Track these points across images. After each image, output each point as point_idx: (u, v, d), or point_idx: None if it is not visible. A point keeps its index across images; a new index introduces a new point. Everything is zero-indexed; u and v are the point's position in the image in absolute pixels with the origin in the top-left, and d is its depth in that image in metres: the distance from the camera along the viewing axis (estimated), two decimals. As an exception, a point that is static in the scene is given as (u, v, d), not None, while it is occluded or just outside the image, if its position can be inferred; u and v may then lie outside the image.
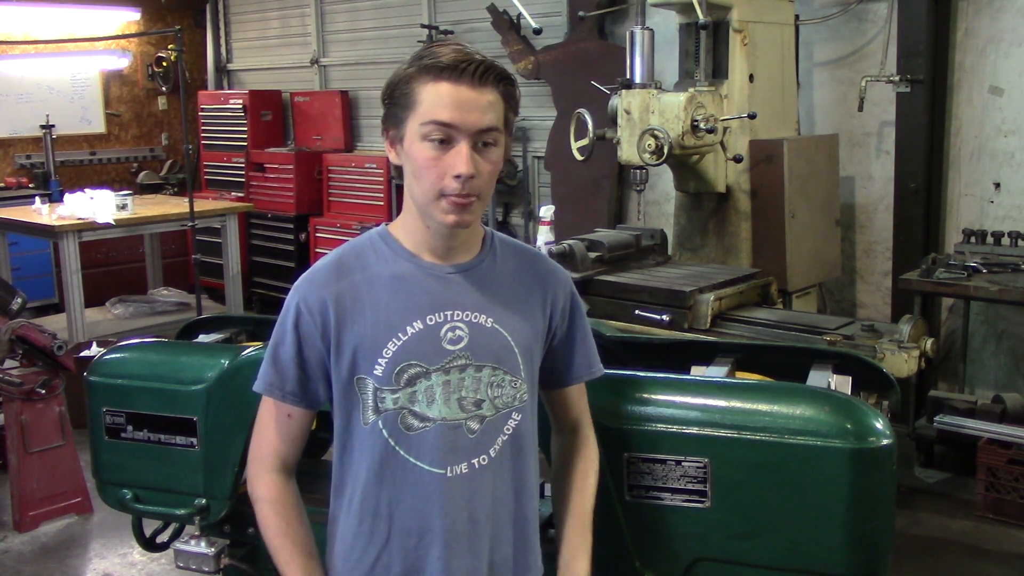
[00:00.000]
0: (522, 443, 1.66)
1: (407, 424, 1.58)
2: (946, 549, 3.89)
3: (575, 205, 6.18)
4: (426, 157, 1.52)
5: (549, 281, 1.72)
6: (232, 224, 6.89)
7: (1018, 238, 4.57)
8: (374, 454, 1.59)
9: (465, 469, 1.59)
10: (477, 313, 1.61)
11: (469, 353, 1.59)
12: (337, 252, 1.66)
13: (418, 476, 1.58)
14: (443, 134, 1.50)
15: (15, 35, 8.07)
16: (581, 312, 1.78)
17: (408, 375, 1.57)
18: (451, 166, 1.50)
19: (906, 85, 4.89)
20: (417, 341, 1.57)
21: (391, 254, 1.62)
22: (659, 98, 4.04)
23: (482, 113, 1.51)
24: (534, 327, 1.67)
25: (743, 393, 1.95)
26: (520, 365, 1.64)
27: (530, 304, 1.68)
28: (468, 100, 1.50)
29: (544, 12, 6.32)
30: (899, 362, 3.42)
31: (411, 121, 1.53)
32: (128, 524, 2.66)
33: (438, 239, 1.60)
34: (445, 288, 1.60)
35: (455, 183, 1.51)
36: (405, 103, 1.54)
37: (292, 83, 8.40)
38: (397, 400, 1.57)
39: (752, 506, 1.86)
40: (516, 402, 1.63)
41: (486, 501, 1.62)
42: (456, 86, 1.50)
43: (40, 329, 4.21)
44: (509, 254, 1.70)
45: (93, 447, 2.50)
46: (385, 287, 1.59)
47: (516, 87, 1.59)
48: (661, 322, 3.72)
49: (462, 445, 1.59)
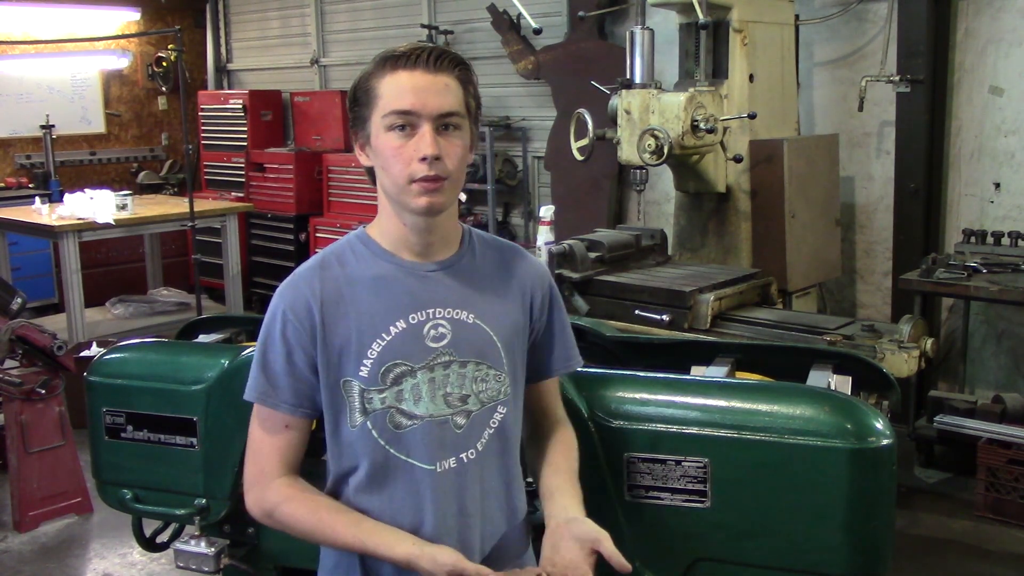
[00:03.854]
0: (508, 435, 1.69)
1: (395, 423, 1.59)
2: (946, 549, 3.90)
3: (575, 205, 6.18)
4: (392, 147, 1.55)
5: (528, 275, 1.74)
6: (232, 224, 6.89)
7: (1018, 238, 4.57)
8: (364, 455, 1.61)
9: (453, 464, 1.61)
10: (458, 310, 1.63)
11: (452, 350, 1.61)
12: (318, 256, 1.67)
13: (409, 473, 1.60)
14: (405, 120, 1.53)
15: (15, 35, 8.07)
16: (560, 305, 1.80)
17: (394, 374, 1.58)
18: (416, 150, 1.53)
19: (906, 85, 4.89)
20: (401, 340, 1.59)
21: (370, 255, 1.64)
22: (659, 98, 4.04)
23: (441, 97, 1.54)
24: (515, 321, 1.69)
25: (743, 393, 1.95)
26: (503, 359, 1.66)
27: (510, 298, 1.70)
28: (425, 85, 1.53)
29: (544, 12, 6.32)
30: (899, 362, 3.42)
31: (374, 116, 1.57)
32: (128, 524, 2.66)
33: (415, 235, 1.62)
34: (426, 286, 1.62)
35: (422, 166, 1.53)
36: (367, 100, 1.58)
37: (292, 83, 8.40)
38: (384, 400, 1.59)
39: (752, 506, 1.86)
40: (501, 395, 1.65)
41: (475, 494, 1.64)
42: (412, 72, 1.53)
43: (40, 329, 4.21)
44: (488, 250, 1.72)
45: (93, 447, 2.49)
46: (367, 288, 1.61)
47: (472, 72, 1.62)
48: (661, 322, 3.72)
49: (449, 440, 1.61)
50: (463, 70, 1.58)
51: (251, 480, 1.66)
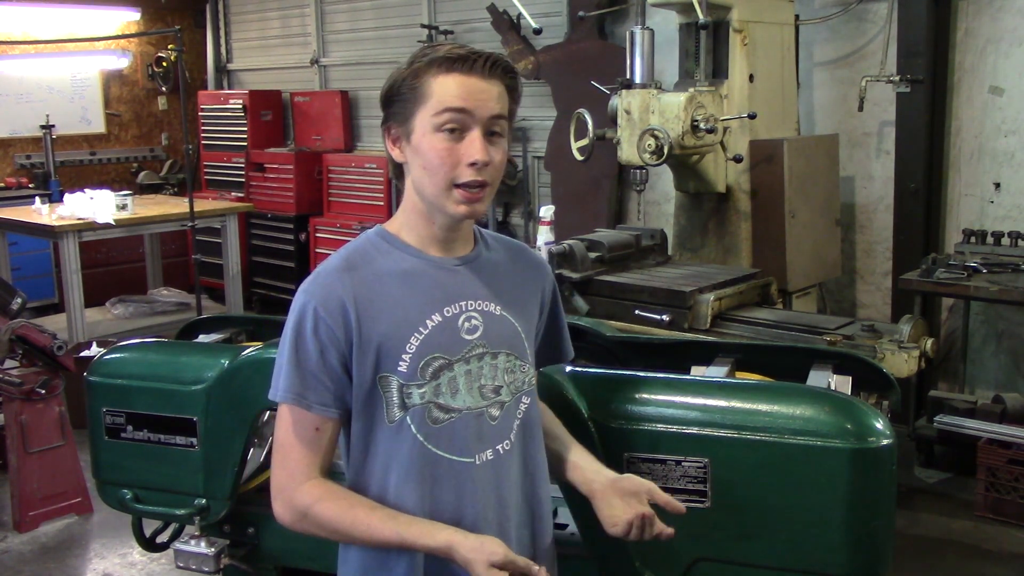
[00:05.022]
0: (532, 426, 1.71)
1: (433, 417, 1.59)
2: (946, 549, 3.89)
3: (575, 205, 6.18)
4: (439, 148, 1.54)
5: (538, 271, 1.80)
6: (232, 224, 6.89)
7: (1018, 238, 4.57)
8: (402, 451, 1.58)
9: (491, 456, 1.63)
10: (487, 302, 1.64)
11: (485, 341, 1.62)
12: (341, 254, 1.64)
13: (448, 467, 1.59)
14: (458, 122, 1.53)
15: (15, 35, 8.07)
16: (560, 299, 1.86)
17: (433, 368, 1.58)
18: (466, 154, 1.53)
19: (906, 85, 4.89)
20: (438, 334, 1.59)
21: (395, 251, 1.63)
22: (659, 98, 4.04)
23: (493, 101, 1.55)
24: (530, 314, 1.74)
25: (743, 393, 1.95)
26: (527, 350, 1.69)
27: (526, 293, 1.74)
28: (480, 89, 1.54)
29: (544, 12, 6.32)
30: (899, 362, 3.42)
31: (421, 114, 1.55)
32: (128, 524, 2.66)
33: (443, 232, 1.63)
34: (454, 280, 1.63)
35: (470, 171, 1.54)
36: (413, 97, 1.55)
37: (292, 83, 8.39)
38: (424, 395, 1.58)
39: (752, 506, 1.86)
40: (526, 386, 1.68)
41: (511, 485, 1.66)
42: (468, 77, 1.54)
43: (40, 329, 4.21)
44: (498, 245, 1.75)
45: (93, 447, 2.50)
46: (397, 284, 1.60)
47: (519, 80, 1.63)
48: (661, 322, 3.72)
49: (487, 432, 1.62)
50: (512, 78, 1.60)
51: (281, 485, 1.59)
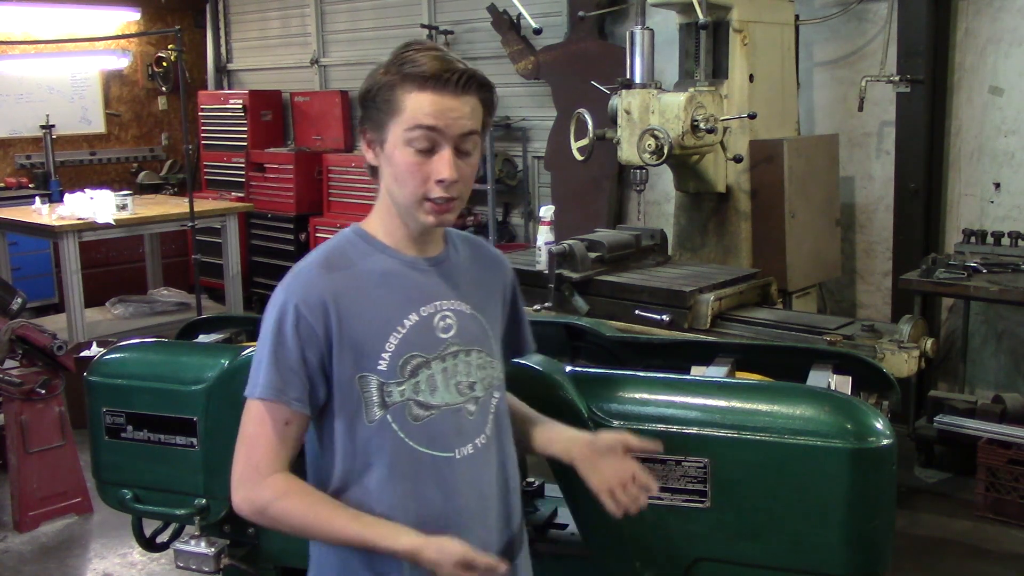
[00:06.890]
0: (502, 419, 1.74)
1: (413, 415, 1.61)
2: (946, 549, 3.89)
3: (575, 205, 6.18)
4: (409, 163, 1.56)
5: (499, 267, 1.83)
6: (232, 224, 6.89)
7: (1018, 238, 4.57)
8: (383, 449, 1.60)
9: (471, 450, 1.65)
10: (458, 301, 1.68)
11: (459, 340, 1.66)
12: (321, 252, 1.66)
13: (431, 463, 1.62)
14: (428, 139, 1.55)
15: (15, 35, 8.07)
16: (519, 293, 1.88)
17: (411, 366, 1.61)
18: (435, 171, 1.56)
19: (906, 85, 4.89)
20: (415, 333, 1.62)
21: (374, 251, 1.65)
22: (659, 98, 4.04)
23: (466, 119, 1.57)
24: (495, 311, 1.77)
25: (743, 393, 1.95)
26: (495, 347, 1.73)
27: (491, 290, 1.78)
28: (451, 108, 1.55)
29: (544, 12, 6.32)
30: (899, 362, 3.42)
31: (394, 126, 1.57)
32: (128, 524, 2.67)
33: (416, 234, 1.66)
34: (428, 280, 1.67)
35: (438, 188, 1.56)
36: (387, 109, 1.57)
37: (292, 83, 8.39)
38: (403, 392, 1.60)
39: (752, 506, 1.86)
40: (496, 381, 1.72)
41: (490, 478, 1.69)
42: (440, 95, 1.54)
43: (40, 329, 4.21)
44: (463, 245, 1.78)
45: (93, 447, 2.50)
46: (376, 284, 1.62)
47: (494, 93, 1.64)
48: (661, 322, 3.72)
49: (465, 427, 1.65)
50: (486, 92, 1.61)
51: (242, 476, 1.60)
